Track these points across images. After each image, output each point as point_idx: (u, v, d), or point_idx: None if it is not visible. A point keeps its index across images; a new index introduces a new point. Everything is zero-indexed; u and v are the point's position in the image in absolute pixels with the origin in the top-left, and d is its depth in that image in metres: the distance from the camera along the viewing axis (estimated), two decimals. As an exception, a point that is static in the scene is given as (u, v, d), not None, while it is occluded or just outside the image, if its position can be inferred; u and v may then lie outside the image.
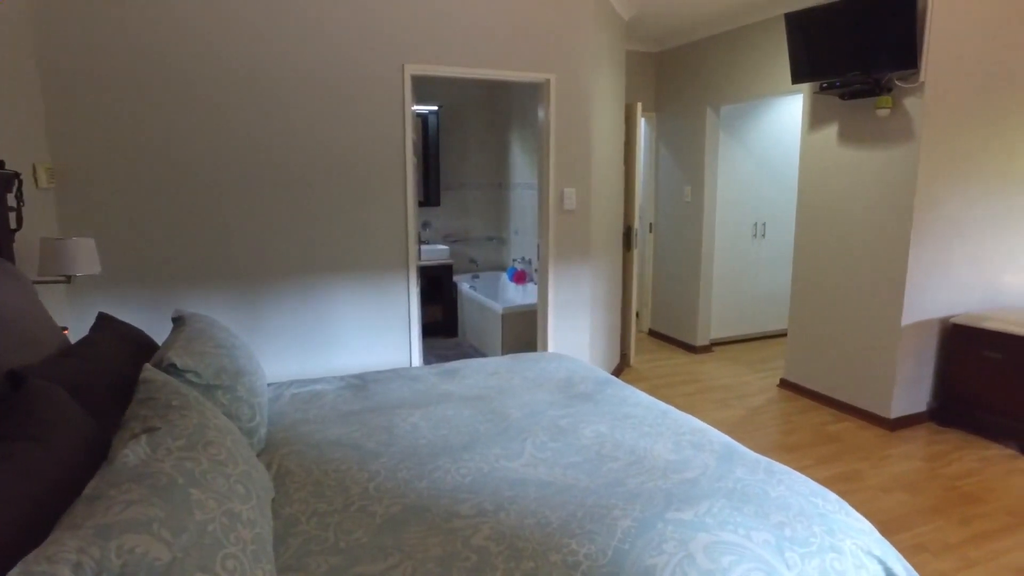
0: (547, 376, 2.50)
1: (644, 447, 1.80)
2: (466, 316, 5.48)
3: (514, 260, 5.88)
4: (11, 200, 2.16)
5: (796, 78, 3.76)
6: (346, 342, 3.35)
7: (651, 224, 5.68)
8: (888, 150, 3.50)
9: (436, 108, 5.64)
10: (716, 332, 5.40)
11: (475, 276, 5.85)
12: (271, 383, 2.42)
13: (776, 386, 4.38)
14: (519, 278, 5.52)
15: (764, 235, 5.51)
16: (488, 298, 5.25)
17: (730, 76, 4.70)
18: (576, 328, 3.94)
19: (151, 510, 0.95)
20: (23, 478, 0.99)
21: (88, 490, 1.00)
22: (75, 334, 2.68)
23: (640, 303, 5.76)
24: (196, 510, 1.01)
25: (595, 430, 1.93)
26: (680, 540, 1.29)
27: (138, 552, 0.88)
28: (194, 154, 2.93)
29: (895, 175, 3.47)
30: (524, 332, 4.70)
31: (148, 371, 1.42)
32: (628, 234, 4.85)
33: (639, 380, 4.52)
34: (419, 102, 5.50)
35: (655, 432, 1.91)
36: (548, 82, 3.61)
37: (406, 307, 3.47)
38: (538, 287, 3.89)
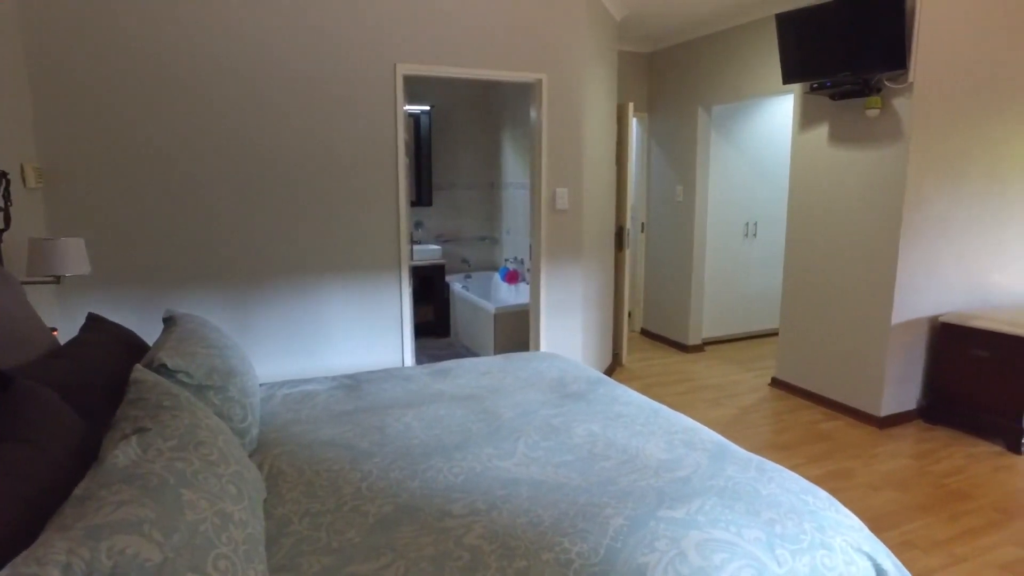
0: (539, 376, 2.50)
1: (636, 446, 1.81)
2: (458, 316, 5.48)
3: (506, 260, 5.89)
4: (-1, 200, 2.15)
5: (787, 78, 3.78)
6: (338, 342, 3.34)
7: (643, 224, 5.70)
8: (877, 150, 3.53)
9: (428, 108, 5.64)
10: (708, 331, 5.43)
11: (467, 276, 5.85)
12: (263, 383, 2.41)
13: (767, 385, 4.41)
14: (511, 278, 5.52)
15: (756, 235, 5.54)
16: (480, 298, 5.26)
17: (722, 76, 4.72)
18: (568, 328, 3.95)
19: (142, 511, 0.94)
20: (11, 480, 0.98)
21: (78, 491, 1.00)
22: (64, 335, 2.66)
23: (632, 302, 5.78)
24: (187, 510, 1.00)
25: (587, 429, 1.93)
26: (672, 538, 1.30)
27: (129, 553, 0.87)
28: (184, 153, 2.92)
29: (884, 175, 3.50)
30: (516, 332, 4.71)
31: (139, 371, 1.41)
32: (620, 234, 4.86)
33: (631, 379, 4.53)
34: (411, 102, 5.49)
35: (647, 431, 1.92)
36: (540, 82, 3.62)
37: (398, 307, 3.46)
38: (530, 287, 3.89)
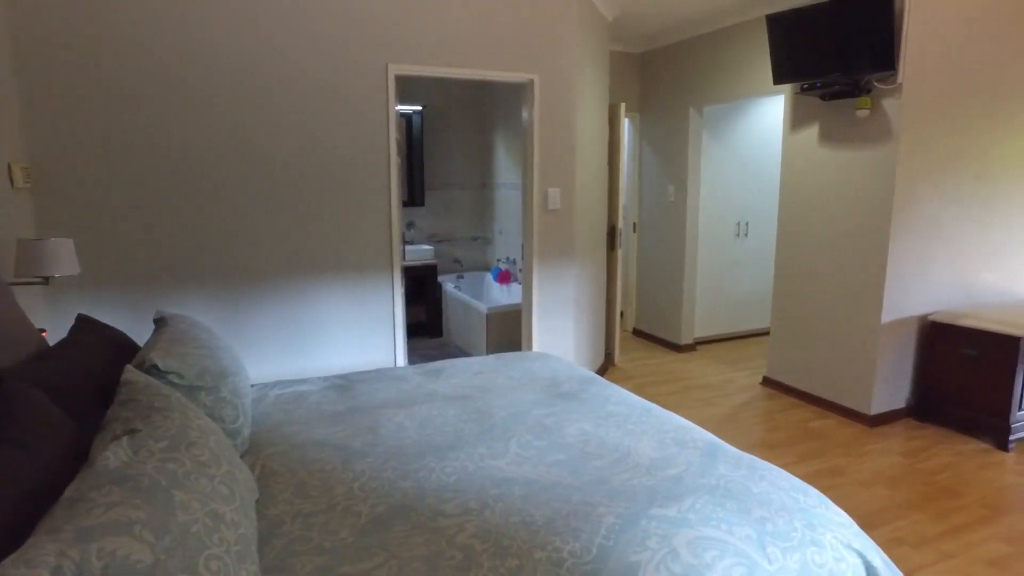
0: (532, 375, 2.51)
1: (628, 445, 1.81)
2: (451, 316, 5.48)
3: (498, 260, 5.89)
4: (-13, 200, 2.13)
5: (778, 79, 3.80)
6: (330, 342, 3.33)
7: (635, 224, 5.71)
8: (867, 150, 3.55)
9: (420, 108, 5.63)
10: (700, 331, 5.45)
11: (460, 276, 5.85)
12: (255, 384, 2.40)
13: (759, 384, 4.43)
14: (503, 278, 5.53)
15: (747, 234, 5.56)
16: (473, 298, 5.25)
17: (713, 77, 4.74)
18: (560, 327, 3.95)
19: (133, 512, 0.94)
20: (0, 482, 0.98)
21: (68, 493, 0.99)
22: (54, 336, 2.64)
23: (624, 302, 5.79)
24: (179, 511, 1.00)
25: (579, 428, 1.94)
26: (663, 536, 1.30)
27: (119, 554, 0.87)
28: (174, 153, 2.90)
29: (874, 175, 3.53)
30: (509, 332, 4.71)
31: (130, 372, 1.40)
32: (612, 234, 4.88)
33: (624, 379, 4.54)
34: (403, 102, 5.48)
35: (639, 430, 1.93)
36: (532, 82, 3.62)
37: (390, 307, 3.46)
38: (522, 287, 3.90)
